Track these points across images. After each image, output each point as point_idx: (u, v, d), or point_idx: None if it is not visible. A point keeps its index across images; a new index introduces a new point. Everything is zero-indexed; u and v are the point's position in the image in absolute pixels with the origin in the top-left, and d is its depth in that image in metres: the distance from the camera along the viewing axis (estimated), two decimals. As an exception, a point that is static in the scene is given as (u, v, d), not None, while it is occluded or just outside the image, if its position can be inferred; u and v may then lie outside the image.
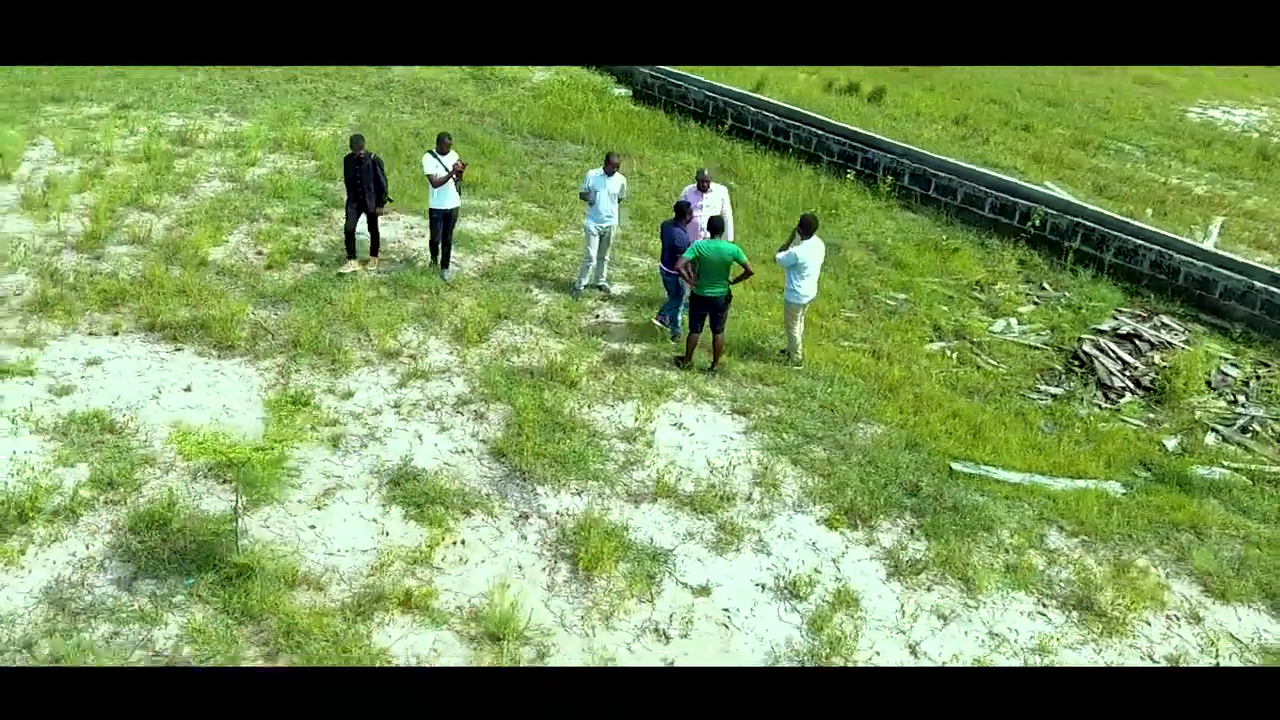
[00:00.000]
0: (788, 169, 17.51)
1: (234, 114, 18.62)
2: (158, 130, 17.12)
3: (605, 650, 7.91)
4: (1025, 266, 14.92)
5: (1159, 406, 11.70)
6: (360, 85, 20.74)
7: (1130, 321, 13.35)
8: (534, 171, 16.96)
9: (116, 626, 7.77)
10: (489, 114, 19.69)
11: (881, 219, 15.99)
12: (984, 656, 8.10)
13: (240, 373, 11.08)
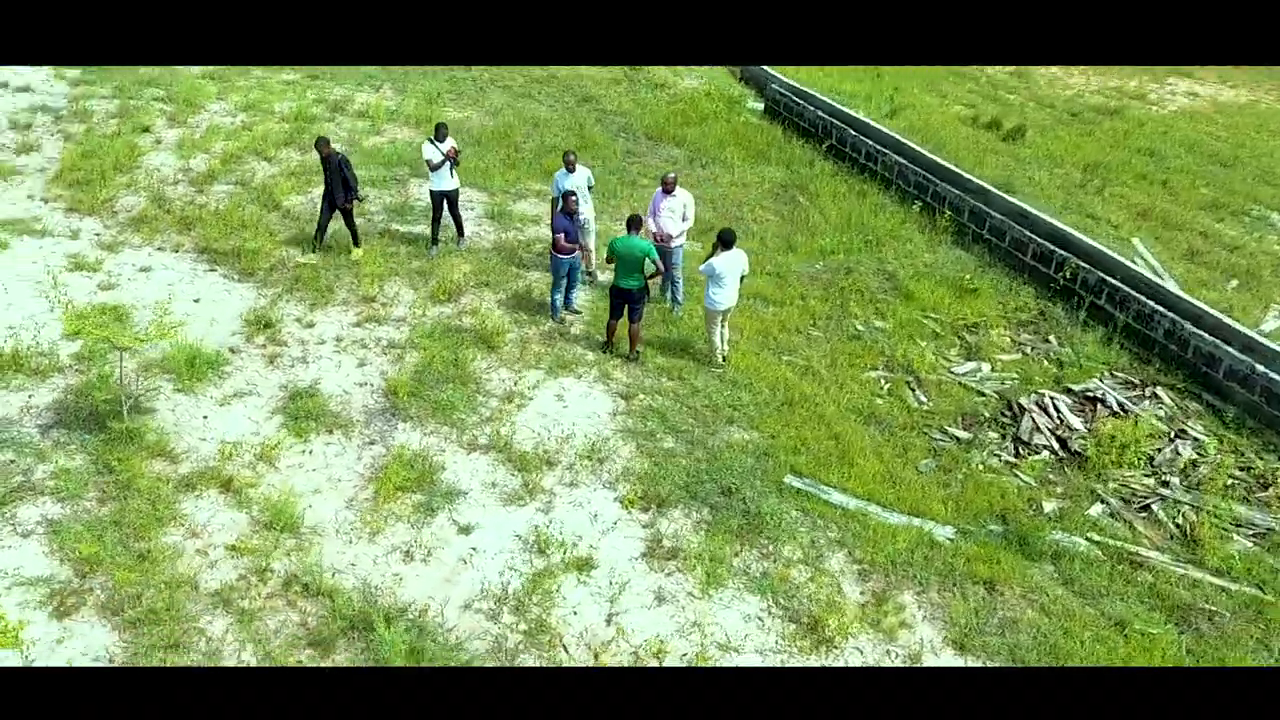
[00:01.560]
0: (862, 193, 17.64)
1: (395, 90, 21.33)
2: (320, 98, 20.08)
3: (354, 557, 9.20)
4: (1043, 317, 14.37)
5: (1072, 470, 11.22)
6: (522, 78, 22.90)
7: (1108, 386, 12.68)
8: (618, 167, 18.24)
9: (16, 454, 10.08)
10: (618, 113, 21.16)
11: (923, 251, 15.87)
12: (667, 639, 8.63)
13: (244, 295, 13.37)
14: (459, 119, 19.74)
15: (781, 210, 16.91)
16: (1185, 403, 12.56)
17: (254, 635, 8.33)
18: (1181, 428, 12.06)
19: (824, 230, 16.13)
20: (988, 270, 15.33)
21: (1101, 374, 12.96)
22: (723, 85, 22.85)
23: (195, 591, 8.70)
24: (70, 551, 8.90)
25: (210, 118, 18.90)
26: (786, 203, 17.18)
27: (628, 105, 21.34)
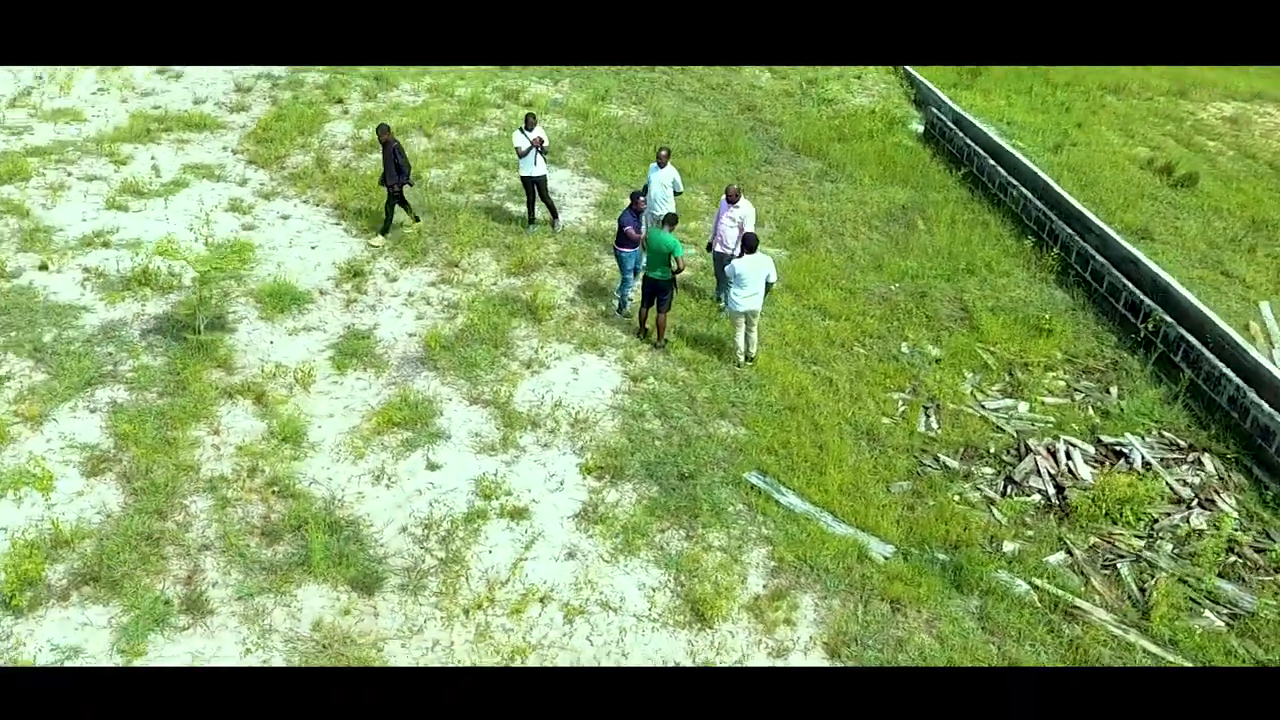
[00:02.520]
0: (984, 223, 17.33)
1: (573, 85, 22.96)
2: (499, 86, 22.05)
3: (333, 473, 10.69)
4: (1115, 367, 13.77)
5: (1055, 517, 10.98)
6: (698, 83, 23.90)
7: (1140, 443, 12.12)
8: (747, 174, 18.91)
9: (115, 349, 12.36)
10: (774, 124, 21.72)
11: (1017, 286, 15.49)
12: (556, 589, 9.49)
13: (353, 248, 15.30)
14: (618, 115, 21.01)
15: (890, 231, 16.94)
16: (1230, 474, 11.76)
17: (223, 517, 9.91)
18: (1210, 496, 11.34)
19: (922, 254, 16.03)
20: (1078, 313, 14.77)
21: (1147, 430, 12.35)
22: (891, 105, 22.75)
23: (194, 475, 10.42)
24: (116, 429, 10.87)
25: (398, 96, 21.20)
26: (899, 224, 17.17)
27: (787, 118, 21.81)
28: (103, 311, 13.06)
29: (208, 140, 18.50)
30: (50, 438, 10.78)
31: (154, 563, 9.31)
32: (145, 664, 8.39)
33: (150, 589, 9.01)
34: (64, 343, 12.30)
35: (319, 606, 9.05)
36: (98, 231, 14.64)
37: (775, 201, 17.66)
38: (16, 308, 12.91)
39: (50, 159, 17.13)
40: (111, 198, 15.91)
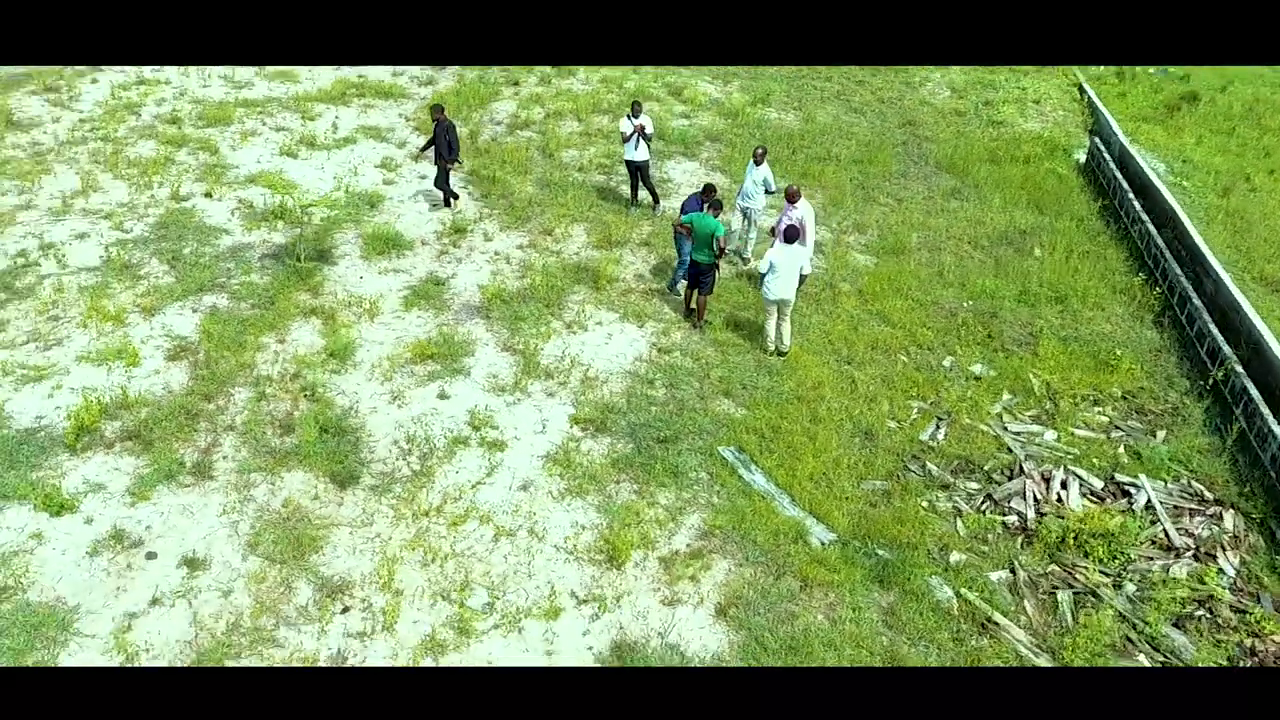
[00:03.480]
0: (1102, 256, 16.72)
1: (740, 87, 23.82)
2: (666, 82, 23.28)
3: (359, 387, 12.28)
4: (1174, 413, 13.13)
5: (1020, 540, 10.89)
6: (871, 95, 24.07)
7: (1154, 487, 11.63)
8: (874, 185, 19.11)
9: (233, 265, 14.60)
10: (930, 140, 21.57)
11: (1102, 320, 14.88)
12: (494, 511, 10.59)
13: (467, 205, 17.00)
14: (770, 118, 21.67)
15: (996, 252, 16.67)
16: (1250, 533, 11.09)
17: (255, 409, 11.70)
18: (1210, 551, 10.79)
19: (1016, 277, 15.72)
20: (1161, 355, 14.08)
21: (1175, 476, 11.79)
22: (1061, 132, 21.97)
23: (248, 372, 12.30)
24: (205, 327, 12.98)
25: (570, 84, 22.87)
26: (1010, 247, 16.84)
27: (946, 135, 21.60)
28: (238, 236, 15.34)
29: (389, 107, 20.84)
30: (154, 327, 13.00)
31: (185, 433, 11.16)
32: (148, 511, 10.17)
33: (173, 452, 10.84)
34: (197, 255, 14.62)
35: (296, 488, 10.56)
36: (263, 172, 17.02)
37: (890, 212, 17.75)
38: (175, 224, 15.44)
39: (254, 110, 19.98)
40: (287, 146, 18.40)
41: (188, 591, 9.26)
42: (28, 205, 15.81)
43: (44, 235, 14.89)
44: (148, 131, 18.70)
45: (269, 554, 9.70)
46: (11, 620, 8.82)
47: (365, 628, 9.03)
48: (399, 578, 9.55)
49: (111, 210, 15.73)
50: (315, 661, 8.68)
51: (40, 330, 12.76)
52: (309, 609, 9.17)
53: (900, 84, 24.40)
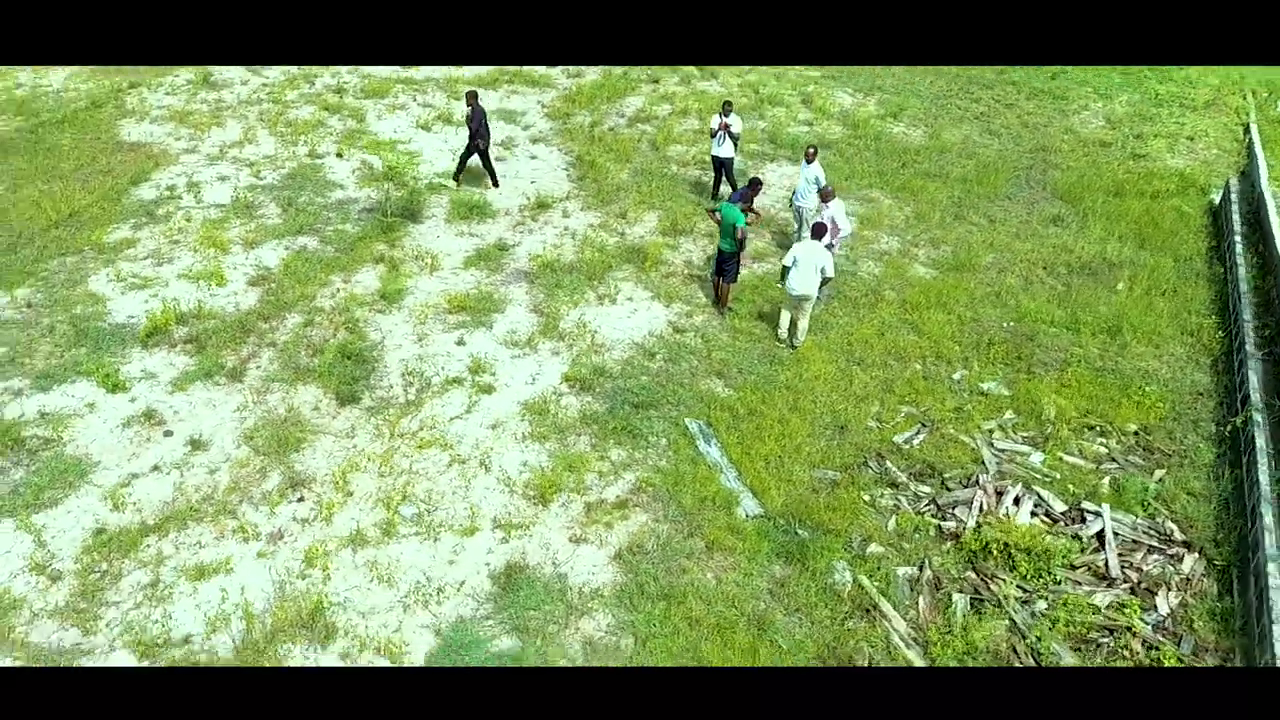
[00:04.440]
0: (1187, 295, 16.07)
1: (880, 102, 24.03)
2: (800, 90, 23.89)
3: (395, 327, 13.89)
4: (1181, 457, 12.66)
5: (948, 545, 11.10)
6: (1016, 120, 23.62)
7: (1119, 521, 11.44)
8: (971, 201, 19.02)
9: (335, 216, 16.70)
10: (1057, 167, 20.91)
11: (1152, 356, 14.37)
12: (456, 441, 11.89)
13: (561, 186, 18.46)
14: (892, 132, 21.83)
15: (1070, 280, 16.30)
16: (1206, 579, 10.79)
17: (300, 332, 13.55)
18: (1151, 589, 10.61)
19: (1078, 307, 15.39)
20: (1201, 399, 13.57)
21: (1152, 514, 11.54)
22: (1209, 171, 20.84)
23: (307, 303, 14.19)
24: (287, 262, 15.04)
25: (709, 85, 23.89)
26: (1089, 277, 16.42)
27: (1078, 164, 21.00)
28: (350, 191, 17.42)
29: (532, 94, 22.60)
30: (249, 258, 15.17)
31: (234, 344, 13.12)
32: (181, 400, 12.12)
33: (218, 356, 12.82)
34: (308, 203, 16.78)
35: (304, 399, 12.25)
36: (392, 140, 19.12)
37: (975, 232, 17.66)
38: (302, 175, 17.72)
39: (410, 87, 22.27)
40: (424, 120, 20.47)
41: (183, 465, 11.07)
42: (193, 150, 18.55)
43: (194, 175, 17.49)
44: (314, 98, 21.28)
45: (258, 446, 11.38)
46: (46, 464, 10.90)
47: (309, 516, 10.48)
48: (354, 482, 10.97)
49: (256, 160, 18.20)
50: (255, 534, 10.21)
51: (160, 250, 15.17)
52: (271, 494, 10.74)
53: (1052, 110, 23.77)
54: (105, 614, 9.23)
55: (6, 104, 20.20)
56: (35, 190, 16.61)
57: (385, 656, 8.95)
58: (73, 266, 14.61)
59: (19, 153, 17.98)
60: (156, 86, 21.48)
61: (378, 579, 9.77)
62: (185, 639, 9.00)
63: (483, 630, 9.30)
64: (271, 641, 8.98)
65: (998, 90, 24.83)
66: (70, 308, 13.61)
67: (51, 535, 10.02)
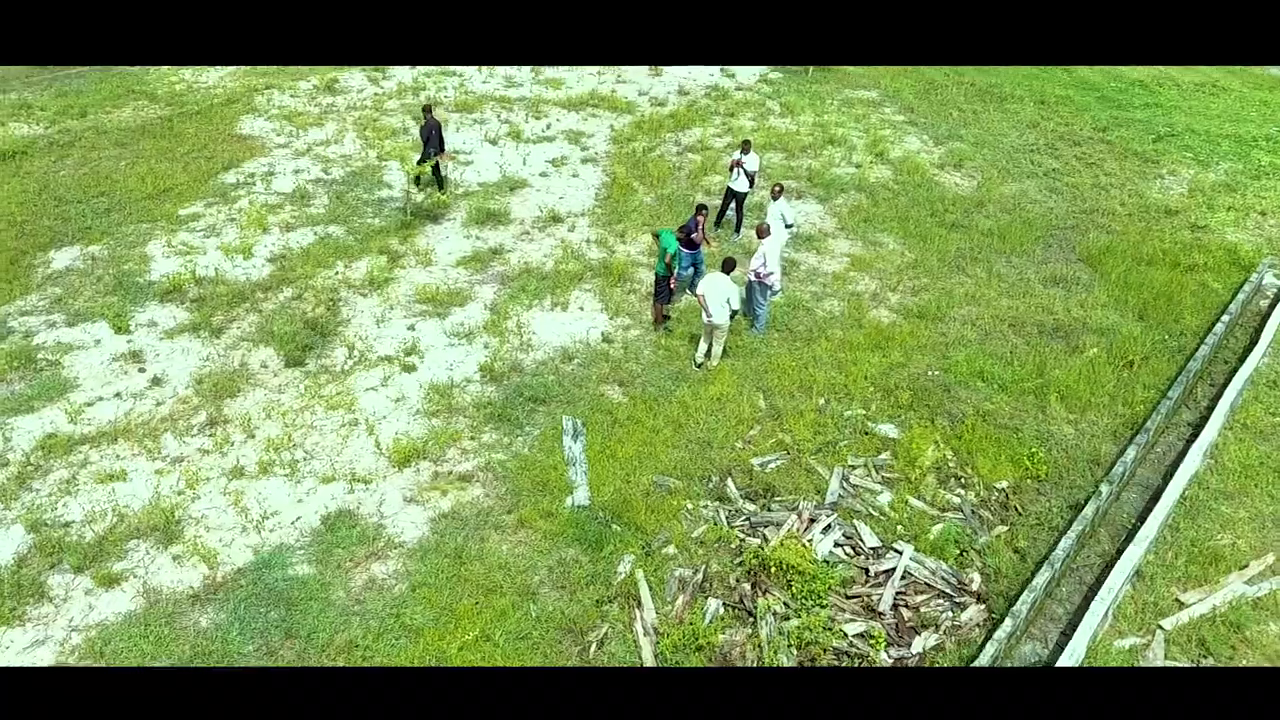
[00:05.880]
0: (1152, 369, 15.86)
1: (951, 151, 24.27)
2: (860, 121, 24.52)
3: (366, 313, 16.20)
4: (1038, 519, 12.90)
5: (747, 563, 12.00)
6: (1088, 179, 23.27)
7: (909, 556, 11.99)
8: (978, 257, 19.29)
9: (373, 212, 19.25)
10: (1100, 229, 20.61)
11: (1073, 424, 14.51)
12: (366, 407, 13.92)
13: (585, 202, 20.26)
14: (946, 181, 22.16)
15: (1038, 342, 16.34)
16: (979, 631, 11.28)
17: (287, 302, 16.02)
18: (917, 627, 11.22)
19: (1025, 367, 15.55)
20: (1095, 468, 13.65)
21: (961, 564, 12.04)
22: (1267, 249, 19.95)
23: (304, 281, 16.65)
24: (309, 246, 17.62)
25: (783, 122, 24.96)
26: (1063, 341, 16.44)
27: (1129, 229, 20.58)
28: (396, 191, 19.89)
29: (608, 118, 24.49)
30: (281, 239, 17.84)
31: (228, 307, 15.69)
32: (166, 345, 14.73)
33: (210, 314, 15.40)
34: (354, 199, 19.37)
35: (257, 357, 14.61)
36: (455, 152, 21.50)
37: (964, 284, 17.91)
38: (361, 175, 20.38)
39: (498, 104, 24.68)
40: (492, 136, 22.78)
41: (139, 395, 13.62)
42: (286, 145, 21.63)
43: (272, 166, 20.49)
44: (411, 108, 24.04)
45: (200, 389, 13.78)
46: (41, 381, 13.72)
47: (209, 448, 12.74)
48: (259, 428, 13.15)
49: (331, 158, 21.03)
50: (160, 455, 12.55)
51: (215, 225, 18.11)
52: (191, 427, 13.10)
53: (1136, 173, 23.20)
54: (22, 495, 11.74)
55: (165, 95, 24.12)
56: (147, 167, 20.02)
57: (204, 562, 10.94)
58: (143, 232, 17.71)
59: (152, 136, 21.59)
60: (286, 89, 24.89)
61: (234, 504, 11.81)
62: (66, 524, 11.35)
63: (290, 556, 11.13)
64: (126, 535, 11.18)
65: (1087, 148, 24.41)
66: (121, 264, 16.62)
67: (16, 433, 12.72)
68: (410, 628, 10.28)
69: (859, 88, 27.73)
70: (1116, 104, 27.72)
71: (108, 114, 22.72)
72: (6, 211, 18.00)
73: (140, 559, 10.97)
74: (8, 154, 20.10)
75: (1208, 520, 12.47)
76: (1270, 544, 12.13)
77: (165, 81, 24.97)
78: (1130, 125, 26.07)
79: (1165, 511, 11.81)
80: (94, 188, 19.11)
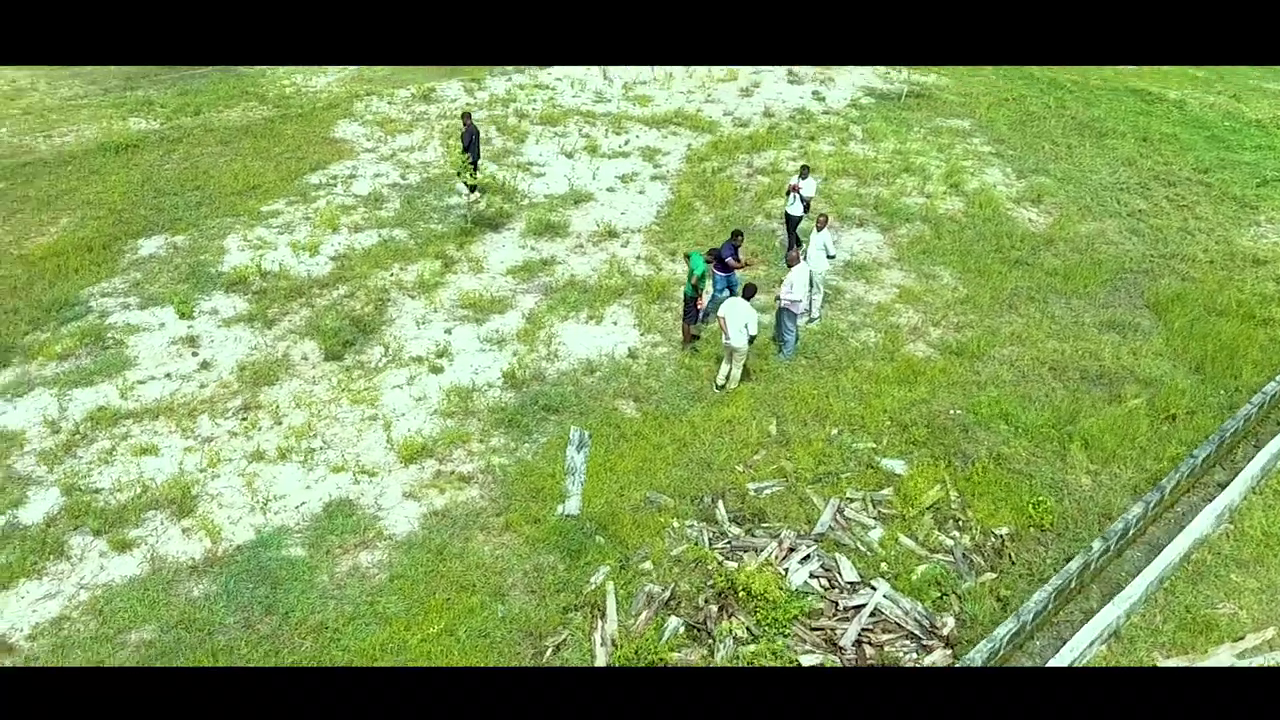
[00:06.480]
0: (1192, 424, 15.35)
1: (1032, 185, 23.74)
2: (942, 150, 24.21)
3: (411, 314, 17.06)
4: (1029, 569, 12.73)
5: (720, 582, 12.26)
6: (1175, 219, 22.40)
7: (882, 593, 12.02)
8: (1035, 296, 18.89)
9: (438, 218, 20.19)
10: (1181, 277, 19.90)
11: (1091, 475, 14.16)
12: (390, 401, 14.71)
13: (644, 217, 20.75)
14: (1019, 216, 21.71)
15: (1076, 387, 16.05)
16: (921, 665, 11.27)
17: (338, 299, 17.02)
18: (876, 665, 11.30)
19: (1056, 413, 15.22)
20: (1105, 523, 13.36)
21: (938, 607, 12.02)
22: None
23: (359, 280, 17.64)
24: (370, 248, 18.63)
25: (862, 148, 24.89)
26: (1103, 389, 16.04)
27: (1207, 277, 19.69)
28: (460, 200, 20.78)
29: (688, 137, 24.89)
30: (347, 239, 18.92)
31: (285, 301, 16.77)
32: (221, 332, 15.87)
33: (267, 307, 16.50)
34: (423, 205, 20.34)
35: (299, 349, 15.61)
36: (529, 163, 22.32)
37: (1016, 323, 17.51)
38: (436, 180, 21.37)
39: (582, 119, 25.40)
40: (569, 149, 23.49)
41: (186, 377, 14.74)
42: (373, 149, 22.84)
43: (356, 169, 21.68)
44: (498, 119, 24.99)
45: (243, 376, 14.82)
46: (103, 360, 15.00)
47: (237, 431, 13.72)
48: (286, 416, 14.08)
49: (411, 164, 22.10)
50: (193, 434, 13.58)
51: (290, 223, 19.33)
52: (226, 410, 14.13)
53: (1230, 218, 22.21)
54: (66, 461, 12.91)
55: (274, 97, 25.74)
56: (242, 164, 21.48)
57: (209, 537, 11.83)
58: (225, 225, 19.04)
59: (253, 135, 23.12)
60: (385, 96, 26.19)
61: (247, 485, 12.71)
62: (97, 490, 12.44)
63: (287, 538, 11.93)
64: (146, 505, 12.18)
65: (1182, 189, 23.50)
66: (199, 254, 17.94)
67: (73, 404, 13.96)
68: (382, 616, 10.88)
69: (951, 116, 27.32)
70: (1226, 144, 26.48)
71: (219, 113, 24.36)
72: (109, 200, 19.59)
73: (154, 528, 11.92)
74: (122, 147, 21.80)
75: (1212, 587, 12.00)
76: (1275, 618, 11.61)
77: (277, 84, 26.59)
78: (1236, 168, 24.89)
79: (1156, 573, 11.46)
80: (191, 181, 20.56)
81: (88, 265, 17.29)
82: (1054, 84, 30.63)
